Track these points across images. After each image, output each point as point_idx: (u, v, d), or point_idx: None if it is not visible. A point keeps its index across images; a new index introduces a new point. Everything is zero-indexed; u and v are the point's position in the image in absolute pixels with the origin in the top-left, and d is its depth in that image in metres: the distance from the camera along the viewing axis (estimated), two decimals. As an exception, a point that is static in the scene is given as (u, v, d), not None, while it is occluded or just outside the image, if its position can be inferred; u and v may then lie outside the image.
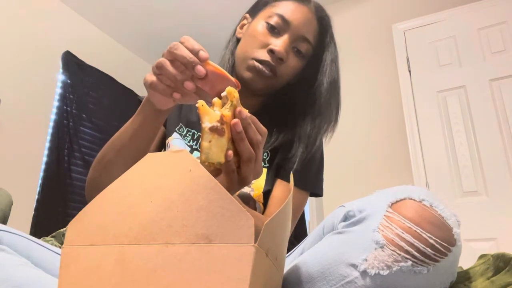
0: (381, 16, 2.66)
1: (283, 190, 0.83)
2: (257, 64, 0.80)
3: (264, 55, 0.80)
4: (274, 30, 0.82)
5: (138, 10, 3.02)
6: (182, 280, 0.35)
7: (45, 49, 2.72)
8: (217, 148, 0.47)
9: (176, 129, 0.88)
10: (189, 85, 0.55)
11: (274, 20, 0.82)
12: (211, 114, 0.48)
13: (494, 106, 2.15)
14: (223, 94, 0.50)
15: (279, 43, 0.80)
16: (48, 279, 0.49)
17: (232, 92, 0.50)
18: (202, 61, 0.54)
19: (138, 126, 0.65)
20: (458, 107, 2.24)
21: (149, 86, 0.57)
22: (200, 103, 0.49)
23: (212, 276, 0.35)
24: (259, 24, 0.84)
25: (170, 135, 0.88)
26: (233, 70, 0.87)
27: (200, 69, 0.53)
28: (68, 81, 2.83)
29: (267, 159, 0.85)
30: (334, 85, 0.86)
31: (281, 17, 0.82)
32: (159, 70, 0.55)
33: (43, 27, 2.73)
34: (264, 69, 0.79)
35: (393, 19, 2.59)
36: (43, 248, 0.59)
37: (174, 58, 0.54)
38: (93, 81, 3.02)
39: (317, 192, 0.89)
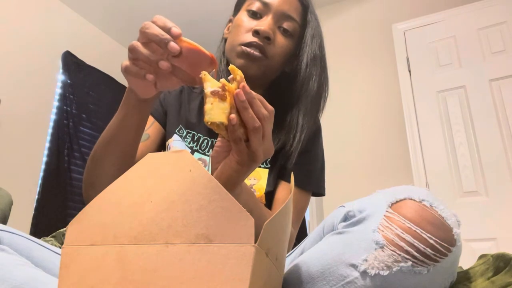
0: (381, 16, 2.66)
1: (287, 191, 0.82)
2: (244, 48, 0.80)
3: (250, 38, 0.80)
4: (256, 15, 0.83)
5: (139, 10, 3.02)
6: (182, 280, 0.35)
7: (45, 49, 2.72)
8: (218, 110, 0.48)
9: (176, 130, 0.88)
10: (163, 64, 0.53)
11: (255, 6, 0.83)
12: (212, 81, 0.49)
13: (494, 106, 2.15)
14: (230, 77, 0.50)
15: (262, 23, 0.81)
16: (48, 279, 0.49)
17: (235, 69, 0.50)
18: (175, 38, 0.52)
19: (123, 117, 0.64)
20: (458, 107, 2.24)
21: (124, 70, 0.55)
22: (203, 73, 0.50)
23: (212, 276, 0.35)
24: (242, 15, 0.85)
25: (170, 136, 0.88)
26: (227, 69, 0.87)
27: (173, 45, 0.52)
28: (68, 81, 2.83)
29: (269, 159, 0.85)
30: (315, 60, 0.85)
31: (261, 1, 0.83)
32: (132, 53, 0.54)
33: (43, 27, 2.73)
34: (252, 51, 0.79)
35: (393, 19, 2.59)
36: (43, 248, 0.59)
37: (147, 39, 0.53)
38: (93, 81, 3.02)
39: (320, 192, 0.89)
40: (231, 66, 0.50)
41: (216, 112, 0.48)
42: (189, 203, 0.38)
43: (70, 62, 2.85)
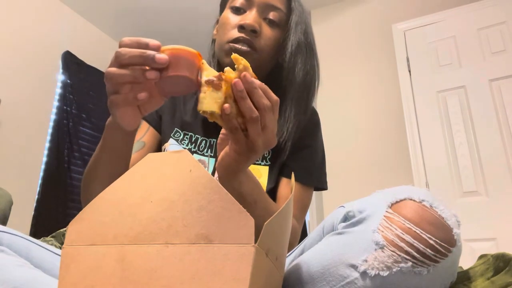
0: (381, 16, 2.66)
1: (289, 188, 0.82)
2: (232, 44, 0.79)
3: (236, 34, 0.80)
4: (240, 11, 0.83)
5: (139, 10, 3.02)
6: (182, 280, 0.35)
7: (45, 49, 2.72)
8: (211, 99, 0.48)
9: (172, 135, 0.87)
10: (151, 73, 0.49)
11: (238, 2, 0.83)
12: (209, 70, 0.50)
13: (494, 106, 2.15)
14: (236, 65, 0.50)
15: (247, 17, 0.80)
16: (47, 280, 0.49)
17: (238, 58, 0.50)
18: (157, 50, 0.50)
19: (110, 153, 0.63)
20: (458, 107, 2.24)
21: (111, 104, 0.53)
22: (201, 61, 0.50)
23: (212, 276, 0.35)
24: (226, 13, 0.85)
25: (166, 141, 0.87)
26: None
27: (160, 57, 0.49)
28: (68, 81, 2.83)
29: (269, 157, 0.84)
30: (300, 48, 0.84)
31: None
32: (114, 79, 0.51)
33: (43, 27, 2.73)
34: (240, 46, 0.78)
35: (393, 19, 2.59)
36: (43, 249, 0.59)
37: (126, 64, 0.51)
38: (93, 81, 3.02)
39: (322, 186, 0.89)
40: (233, 55, 0.50)
41: (208, 101, 0.48)
42: (189, 203, 0.38)
43: (70, 62, 2.85)
